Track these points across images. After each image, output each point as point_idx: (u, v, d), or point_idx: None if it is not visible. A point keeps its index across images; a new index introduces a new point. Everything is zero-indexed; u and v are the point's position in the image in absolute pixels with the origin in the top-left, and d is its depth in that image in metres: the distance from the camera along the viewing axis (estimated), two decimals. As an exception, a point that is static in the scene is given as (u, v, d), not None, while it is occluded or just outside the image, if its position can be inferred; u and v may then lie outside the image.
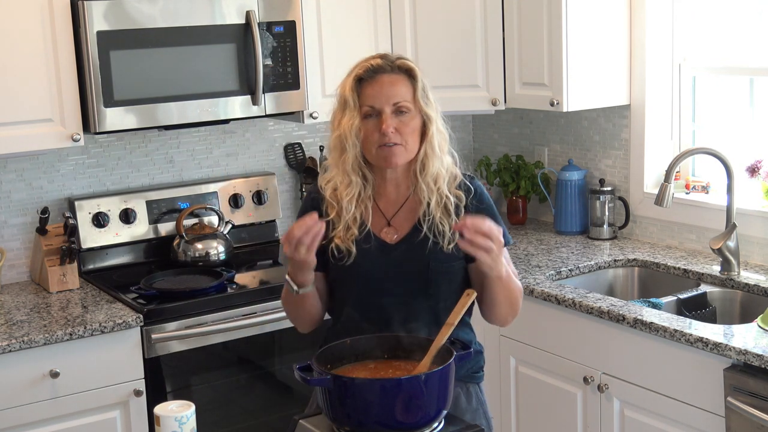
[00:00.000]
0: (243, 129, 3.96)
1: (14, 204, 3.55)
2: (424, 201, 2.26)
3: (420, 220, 2.27)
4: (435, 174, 2.26)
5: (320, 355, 2.06)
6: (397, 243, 2.28)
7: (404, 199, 2.31)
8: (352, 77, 2.25)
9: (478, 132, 4.50)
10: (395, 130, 2.20)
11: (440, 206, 2.26)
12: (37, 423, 2.99)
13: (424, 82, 2.27)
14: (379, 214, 2.30)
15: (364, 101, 2.23)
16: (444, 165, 2.28)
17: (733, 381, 2.64)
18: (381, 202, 2.31)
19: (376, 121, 2.22)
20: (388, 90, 2.22)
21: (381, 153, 2.22)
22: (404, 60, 2.27)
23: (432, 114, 2.26)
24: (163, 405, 1.99)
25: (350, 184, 2.25)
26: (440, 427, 2.02)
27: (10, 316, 3.15)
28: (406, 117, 2.22)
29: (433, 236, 2.25)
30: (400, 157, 2.23)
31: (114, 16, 3.19)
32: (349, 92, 2.23)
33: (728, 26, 3.52)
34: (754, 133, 3.49)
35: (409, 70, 2.26)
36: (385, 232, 2.29)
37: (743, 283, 3.21)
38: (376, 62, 2.25)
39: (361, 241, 2.26)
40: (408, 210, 2.30)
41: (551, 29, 3.54)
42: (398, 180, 2.30)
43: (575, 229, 3.92)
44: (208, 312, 3.26)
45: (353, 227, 2.25)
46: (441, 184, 2.26)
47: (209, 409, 3.28)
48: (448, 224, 2.25)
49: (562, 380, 3.22)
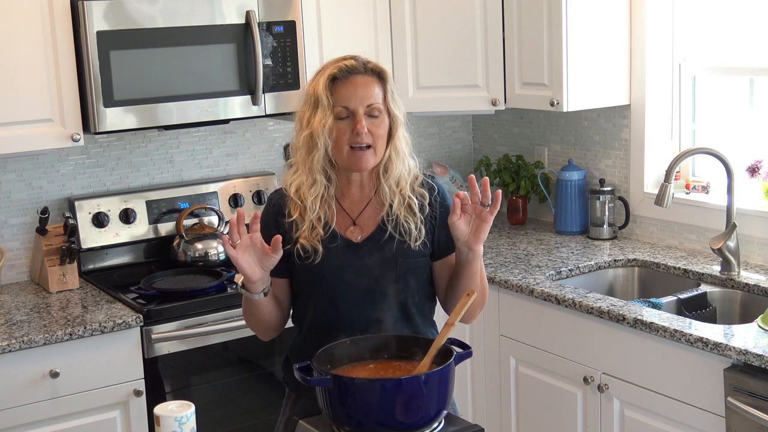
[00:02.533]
0: (243, 129, 3.96)
1: (14, 204, 3.55)
2: (386, 202, 2.29)
3: (384, 220, 2.29)
4: (397, 176, 2.29)
5: (320, 355, 2.06)
6: (363, 241, 2.29)
7: (368, 199, 2.32)
8: (325, 76, 2.24)
9: (478, 132, 4.50)
10: (368, 132, 2.22)
11: (403, 206, 2.28)
12: (37, 423, 2.99)
13: (393, 84, 2.30)
14: (343, 214, 2.31)
15: (338, 101, 2.23)
16: (406, 167, 2.31)
17: (733, 381, 2.64)
18: (345, 203, 2.32)
19: (349, 121, 2.22)
20: (362, 91, 2.23)
21: (352, 156, 2.23)
22: (375, 62, 2.29)
23: (400, 117, 2.28)
24: (163, 405, 1.99)
25: (314, 183, 2.26)
26: (440, 427, 2.02)
27: (10, 316, 3.15)
28: (377, 120, 2.24)
29: (399, 235, 2.27)
30: (369, 161, 2.25)
31: (114, 16, 3.20)
32: (322, 91, 2.22)
33: (728, 26, 3.52)
34: (754, 133, 3.49)
35: (381, 72, 2.27)
36: (350, 231, 2.30)
37: (743, 283, 3.21)
38: (350, 63, 2.25)
39: (327, 241, 2.26)
40: (372, 209, 2.32)
41: (551, 29, 3.54)
42: (362, 181, 2.32)
43: (575, 229, 3.92)
44: (208, 312, 3.26)
45: (318, 227, 2.26)
46: (403, 186, 2.29)
47: (209, 409, 3.28)
48: (413, 222, 2.28)
49: (562, 380, 3.22)
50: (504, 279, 3.35)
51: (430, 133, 4.38)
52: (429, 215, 2.32)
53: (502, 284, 3.36)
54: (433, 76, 3.81)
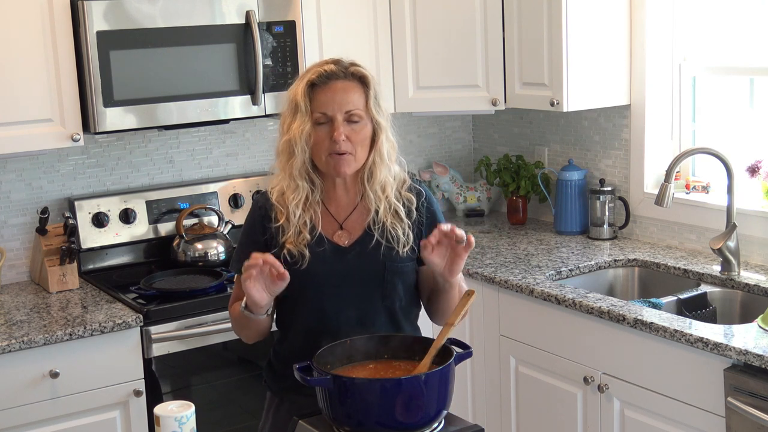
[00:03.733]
0: (243, 129, 3.95)
1: (14, 204, 3.55)
2: (372, 208, 2.28)
3: (370, 226, 2.28)
4: (383, 182, 2.27)
5: (320, 355, 2.06)
6: (351, 246, 2.28)
7: (354, 203, 2.31)
8: (304, 82, 2.23)
9: (478, 132, 4.50)
10: (346, 138, 2.20)
11: (389, 212, 2.27)
12: (37, 423, 2.99)
13: (377, 89, 2.26)
14: (330, 218, 2.30)
15: (316, 107, 2.21)
16: (392, 173, 2.29)
17: (734, 381, 2.64)
18: (331, 207, 2.31)
19: (328, 127, 2.21)
20: (341, 97, 2.21)
21: (330, 161, 2.22)
22: (357, 67, 2.26)
23: (383, 122, 2.25)
24: (163, 405, 1.99)
25: (296, 188, 2.25)
26: (440, 427, 2.02)
27: (10, 316, 3.15)
28: (357, 125, 2.22)
29: (386, 241, 2.26)
30: (349, 166, 2.23)
31: (114, 16, 3.20)
32: (301, 97, 2.21)
33: (728, 26, 3.52)
34: (754, 133, 3.49)
35: (363, 77, 2.24)
36: (338, 235, 2.29)
37: (743, 283, 3.21)
38: (330, 68, 2.23)
39: (314, 245, 2.25)
40: (359, 214, 2.31)
41: (551, 29, 3.54)
42: (347, 185, 2.31)
43: (575, 229, 3.92)
44: (208, 312, 3.26)
45: (304, 231, 2.25)
46: (389, 192, 2.27)
47: (209, 409, 3.28)
48: (401, 228, 2.27)
49: (562, 380, 3.22)
50: (504, 279, 3.35)
51: (430, 133, 4.38)
52: (416, 220, 2.31)
53: (502, 284, 3.36)
54: (433, 76, 3.81)
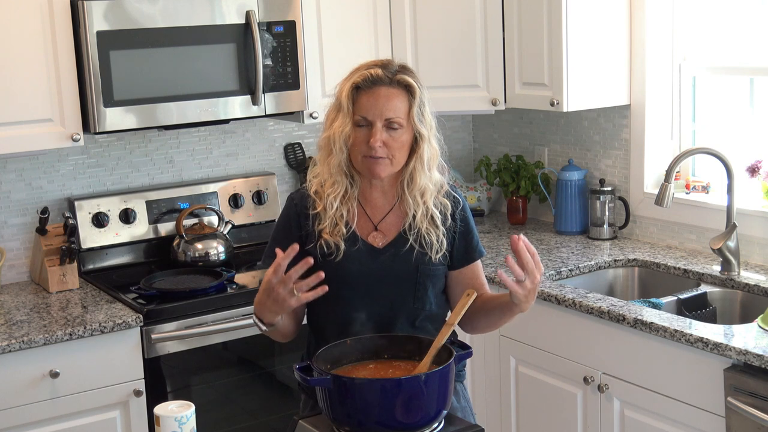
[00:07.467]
0: (243, 129, 3.95)
1: (14, 204, 3.55)
2: (409, 213, 2.28)
3: (405, 230, 2.28)
4: (422, 188, 2.27)
5: (320, 355, 2.06)
6: (385, 247, 2.29)
7: (391, 206, 2.32)
8: (350, 83, 2.23)
9: (478, 132, 4.50)
10: (383, 144, 2.19)
11: (426, 218, 2.27)
12: (37, 423, 2.99)
13: (423, 98, 2.24)
14: (365, 219, 2.30)
15: (358, 110, 2.21)
16: (432, 180, 2.28)
17: (734, 381, 2.64)
18: (368, 208, 2.31)
19: (367, 131, 2.21)
20: (383, 104, 2.20)
21: (365, 163, 2.23)
22: (405, 75, 2.23)
23: (424, 132, 2.24)
24: (163, 405, 1.99)
25: (335, 183, 2.26)
26: (440, 427, 2.02)
27: (10, 316, 3.15)
28: (396, 132, 2.21)
29: (419, 246, 2.27)
30: (384, 169, 2.23)
31: (114, 16, 3.19)
32: (345, 98, 2.22)
33: (728, 26, 3.52)
34: (754, 133, 3.49)
35: (409, 86, 2.22)
36: (372, 236, 2.30)
37: (743, 283, 3.21)
38: (376, 72, 2.22)
39: (349, 243, 2.26)
40: (395, 216, 2.31)
41: (551, 29, 3.54)
42: (385, 188, 2.31)
43: (575, 229, 3.92)
44: (208, 312, 3.26)
45: (340, 224, 2.25)
46: (427, 198, 2.27)
47: (209, 409, 3.28)
48: (435, 235, 2.27)
49: (562, 380, 3.22)
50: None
51: (430, 133, 4.37)
52: (451, 227, 2.32)
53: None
54: (433, 76, 3.80)
